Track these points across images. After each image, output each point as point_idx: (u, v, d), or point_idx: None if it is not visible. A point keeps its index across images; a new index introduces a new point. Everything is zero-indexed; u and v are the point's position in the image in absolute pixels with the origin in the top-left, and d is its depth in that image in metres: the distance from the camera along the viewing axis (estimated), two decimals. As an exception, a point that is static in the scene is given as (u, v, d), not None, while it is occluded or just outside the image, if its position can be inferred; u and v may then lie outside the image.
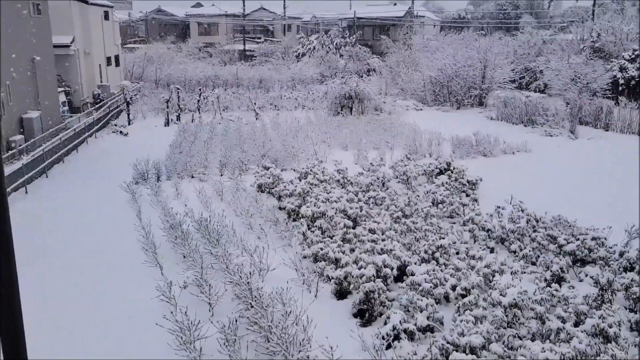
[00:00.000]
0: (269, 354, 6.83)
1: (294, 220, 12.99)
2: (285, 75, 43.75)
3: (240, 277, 8.34)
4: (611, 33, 36.38)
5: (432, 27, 67.65)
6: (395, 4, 65.49)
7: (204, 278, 8.80)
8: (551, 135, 24.20)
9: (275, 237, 12.00)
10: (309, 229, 12.14)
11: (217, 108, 32.23)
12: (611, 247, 10.75)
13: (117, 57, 37.37)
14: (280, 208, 14.11)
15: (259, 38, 64.71)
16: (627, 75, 31.69)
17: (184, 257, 10.23)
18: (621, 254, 10.31)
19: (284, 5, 66.02)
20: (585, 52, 33.94)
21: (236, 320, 7.10)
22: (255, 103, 31.66)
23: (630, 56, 32.35)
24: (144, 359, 7.23)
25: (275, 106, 33.98)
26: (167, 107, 28.75)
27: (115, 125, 27.28)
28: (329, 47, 51.49)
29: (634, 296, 8.68)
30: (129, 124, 28.28)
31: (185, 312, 7.30)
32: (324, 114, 29.27)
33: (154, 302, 8.45)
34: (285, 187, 14.98)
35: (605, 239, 10.97)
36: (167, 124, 28.02)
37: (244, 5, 63.41)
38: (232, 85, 41.55)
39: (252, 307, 7.50)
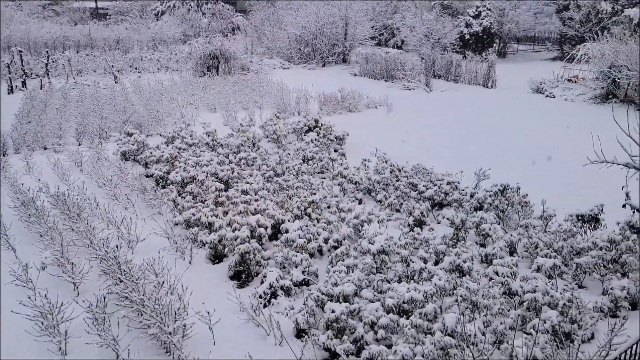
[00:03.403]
0: (143, 327, 6.60)
1: (163, 187, 12.52)
2: (144, 35, 41.16)
3: (107, 251, 7.88)
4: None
5: (295, -17, 67.22)
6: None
7: (66, 256, 8.19)
8: (409, 89, 25.61)
9: (143, 207, 11.48)
10: (179, 195, 11.77)
11: (69, 72, 29.56)
12: (463, 190, 11.76)
13: (-60, 17, 32.47)
14: (147, 175, 13.48)
15: (113, -6, 59.78)
16: (472, 30, 34.28)
17: (41, 236, 9.41)
18: (472, 195, 11.33)
19: (137, -42, 61.31)
20: (436, 9, 36.00)
21: (104, 297, 6.73)
22: (113, 65, 29.51)
23: (474, 12, 34.95)
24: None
25: (136, 68, 32.01)
26: (9, 72, 25.75)
27: (-54, 95, 23.91)
28: (190, 5, 49.19)
29: (483, 232, 9.64)
30: (-37, 93, 24.96)
31: (46, 295, 6.76)
32: (189, 75, 28.17)
33: (8, 288, 7.72)
34: (151, 153, 14.29)
35: (458, 182, 11.97)
36: (10, 91, 25.16)
37: (91, -42, 57.86)
38: (85, 46, 38.23)
39: (121, 281, 7.15)
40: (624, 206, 7.08)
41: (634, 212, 6.98)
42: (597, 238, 8.83)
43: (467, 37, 34.29)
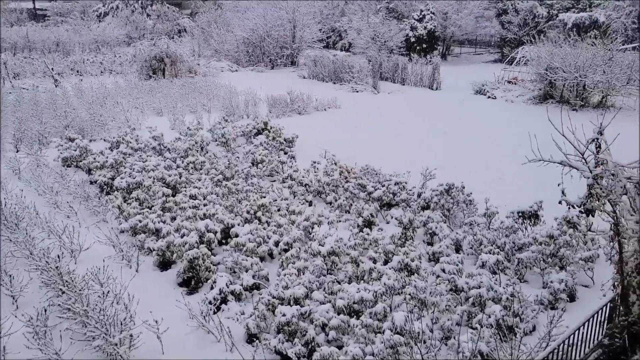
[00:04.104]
0: (88, 340, 6.40)
1: (108, 193, 12.17)
2: (86, 37, 39.83)
3: (47, 262, 7.59)
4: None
5: (242, -15, 66.83)
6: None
7: (3, 268, 7.84)
8: (357, 91, 25.92)
9: (87, 214, 11.13)
10: (125, 201, 11.47)
11: (5, 75, 28.28)
12: (411, 190, 12.00)
13: None
14: (91, 182, 13.06)
15: (51, -5, 57.63)
16: (417, 33, 35.04)
17: (-24, 248, 8.97)
18: (419, 195, 11.57)
19: (77, -42, 59.38)
20: (382, 12, 36.59)
21: (45, 310, 6.48)
22: (52, 69, 28.44)
23: (418, 16, 35.73)
24: None
25: (78, 71, 30.96)
26: (-62, 76, 24.40)
27: None
28: (134, 7, 48.00)
29: (430, 231, 9.87)
30: None
31: (-18, 310, 6.46)
32: (134, 78, 27.47)
33: (-60, 304, 7.32)
34: (94, 159, 13.88)
35: (405, 182, 12.20)
36: (-60, 96, 23.82)
37: (27, -43, 55.54)
38: (22, 49, 36.64)
39: (63, 292, 6.90)
40: (560, 202, 7.42)
41: (569, 208, 7.34)
42: (536, 233, 9.21)
43: (413, 40, 35.01)
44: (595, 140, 6.37)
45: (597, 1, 37.48)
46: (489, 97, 24.69)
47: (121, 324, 6.42)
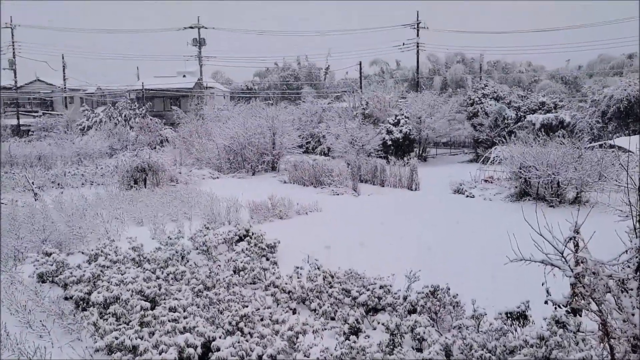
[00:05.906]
0: None
1: (84, 309, 11.72)
2: (69, 150, 40.52)
3: (15, 389, 7.11)
4: (377, 101, 41.76)
5: (222, 97, 69.98)
6: (184, 76, 66.24)
7: (-34, 398, 7.30)
8: (338, 194, 26.30)
9: (60, 333, 10.62)
10: (101, 317, 11.04)
11: (-16, 190, 28.19)
12: (396, 293, 11.82)
13: None
14: (66, 298, 12.63)
15: (36, 112, 59.41)
16: (393, 137, 36.43)
17: (-61, 376, 8.41)
18: (404, 298, 11.38)
19: (64, 77, 62.06)
20: (358, 118, 38.25)
21: None
22: (33, 182, 28.51)
23: (393, 120, 37.36)
24: None
25: (59, 184, 31.06)
26: None
27: None
28: (117, 120, 49.44)
29: (419, 336, 9.59)
30: None
31: None
32: (116, 189, 27.61)
33: None
34: (71, 273, 13.51)
35: (390, 286, 12.04)
36: None
37: (15, 77, 57.89)
38: (4, 164, 36.98)
39: (30, 423, 6.40)
40: (546, 302, 7.36)
41: (555, 307, 7.28)
42: (526, 335, 8.98)
43: (389, 143, 36.29)
44: (573, 238, 6.46)
45: (561, 103, 39.79)
46: (467, 196, 25.22)
47: None
